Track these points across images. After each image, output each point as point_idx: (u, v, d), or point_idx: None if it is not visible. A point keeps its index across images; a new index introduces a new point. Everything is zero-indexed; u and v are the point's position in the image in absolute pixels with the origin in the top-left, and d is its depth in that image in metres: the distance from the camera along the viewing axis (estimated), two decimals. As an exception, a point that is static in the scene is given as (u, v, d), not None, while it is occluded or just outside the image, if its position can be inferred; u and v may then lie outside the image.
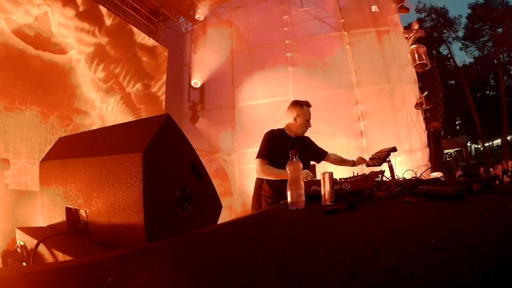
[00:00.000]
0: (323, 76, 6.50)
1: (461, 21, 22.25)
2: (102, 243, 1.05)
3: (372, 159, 2.26)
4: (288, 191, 1.27)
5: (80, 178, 1.17)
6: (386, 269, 0.48)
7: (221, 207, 1.40)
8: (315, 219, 1.05)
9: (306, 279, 0.48)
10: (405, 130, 6.31)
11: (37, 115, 4.29)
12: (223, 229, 0.98)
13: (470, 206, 1.04)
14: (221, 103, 7.28)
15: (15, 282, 0.59)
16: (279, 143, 2.09)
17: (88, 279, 0.57)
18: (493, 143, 24.92)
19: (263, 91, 6.83)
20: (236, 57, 7.25)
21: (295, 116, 2.17)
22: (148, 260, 0.67)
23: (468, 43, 22.38)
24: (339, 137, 6.25)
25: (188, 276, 0.55)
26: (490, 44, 21.30)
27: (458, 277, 0.43)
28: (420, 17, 21.24)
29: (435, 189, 1.22)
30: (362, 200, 1.26)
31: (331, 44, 6.67)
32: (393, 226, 0.85)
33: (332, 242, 0.72)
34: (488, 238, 0.63)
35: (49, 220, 1.33)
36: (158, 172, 1.04)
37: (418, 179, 1.77)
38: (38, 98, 4.31)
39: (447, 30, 22.34)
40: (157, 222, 0.99)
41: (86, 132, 1.59)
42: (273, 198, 2.09)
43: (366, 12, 6.67)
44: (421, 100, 6.25)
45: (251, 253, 0.66)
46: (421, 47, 6.35)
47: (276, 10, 7.01)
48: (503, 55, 20.89)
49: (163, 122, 1.12)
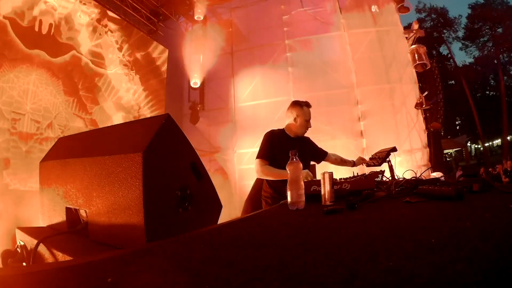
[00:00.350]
0: (323, 76, 6.50)
1: (461, 21, 22.32)
2: (102, 243, 1.05)
3: (372, 159, 2.26)
4: (288, 191, 1.27)
5: (80, 178, 1.17)
6: (386, 269, 0.48)
7: (221, 207, 1.40)
8: (315, 219, 1.05)
9: (306, 279, 0.48)
10: (405, 130, 6.31)
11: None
12: (223, 229, 0.98)
13: (470, 206, 1.04)
14: (221, 103, 7.28)
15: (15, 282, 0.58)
16: (279, 143, 2.09)
17: (88, 279, 0.57)
18: (493, 143, 24.92)
19: (263, 91, 6.83)
20: (236, 57, 7.26)
21: (295, 117, 2.17)
22: (148, 260, 0.67)
23: (468, 43, 22.40)
24: (339, 137, 6.25)
25: (188, 276, 0.55)
26: (490, 44, 21.32)
27: (458, 277, 0.43)
28: (420, 17, 21.30)
29: (435, 189, 1.22)
30: (362, 200, 1.26)
31: (331, 44, 6.67)
32: (393, 226, 0.85)
33: (332, 242, 0.72)
34: (488, 238, 0.63)
35: (49, 220, 1.33)
36: (158, 172, 1.04)
37: (418, 179, 1.77)
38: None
39: (447, 30, 22.36)
40: (157, 222, 0.99)
41: (86, 132, 1.59)
42: (273, 198, 2.09)
43: (366, 12, 6.67)
44: (421, 100, 6.24)
45: (251, 253, 0.66)
46: (421, 47, 6.35)
47: (276, 10, 7.01)
48: (503, 55, 20.91)
49: (163, 122, 1.12)
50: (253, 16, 7.19)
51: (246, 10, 7.26)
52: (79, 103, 4.88)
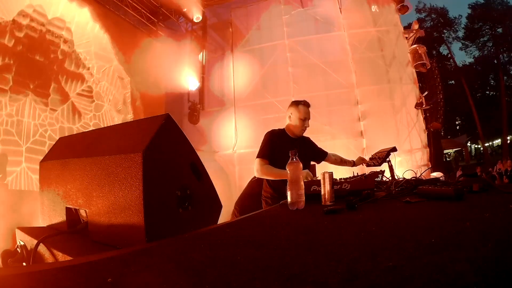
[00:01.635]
0: (323, 76, 6.51)
1: (461, 21, 22.33)
2: (102, 243, 1.05)
3: (372, 159, 2.26)
4: (288, 191, 1.27)
5: (80, 178, 1.17)
6: (386, 269, 0.48)
7: (221, 207, 1.40)
8: (315, 219, 1.05)
9: (306, 279, 0.48)
10: (405, 130, 6.31)
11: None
12: (223, 229, 0.98)
13: (470, 206, 1.04)
14: (221, 103, 7.28)
15: (15, 282, 0.58)
16: (279, 143, 2.09)
17: (88, 279, 0.57)
18: (493, 143, 24.92)
19: (263, 91, 6.83)
20: (236, 57, 7.25)
21: (289, 115, 2.16)
22: (148, 260, 0.67)
23: (468, 43, 22.40)
24: (339, 137, 6.25)
25: (188, 276, 0.55)
26: (490, 44, 21.32)
27: (458, 277, 0.43)
28: (420, 17, 21.31)
29: (435, 189, 1.22)
30: (362, 200, 1.26)
31: (331, 44, 6.67)
32: (393, 226, 0.85)
33: (332, 242, 0.72)
34: (488, 238, 0.63)
35: (49, 220, 1.33)
36: (158, 172, 1.04)
37: (418, 179, 1.77)
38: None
39: (447, 30, 22.36)
40: (157, 222, 0.99)
41: (86, 132, 1.59)
42: (273, 198, 2.09)
43: (366, 12, 6.67)
44: (421, 100, 6.25)
45: (251, 253, 0.66)
46: (421, 47, 6.35)
47: (276, 10, 7.01)
48: (503, 55, 20.92)
49: (163, 122, 1.12)
50: (253, 16, 7.19)
51: (246, 10, 7.26)
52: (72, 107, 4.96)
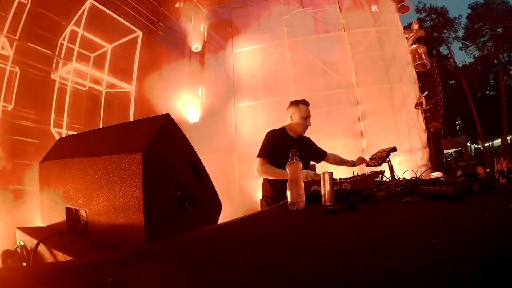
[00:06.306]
0: (323, 76, 6.50)
1: (461, 21, 22.33)
2: (102, 243, 1.05)
3: (372, 159, 2.26)
4: (288, 191, 1.27)
5: (80, 178, 1.17)
6: (386, 269, 0.48)
7: (221, 207, 1.40)
8: (315, 219, 1.05)
9: (306, 279, 0.48)
10: (405, 130, 6.30)
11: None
12: (223, 229, 0.98)
13: (470, 206, 1.04)
14: (221, 103, 7.27)
15: (15, 282, 0.58)
16: (279, 142, 2.09)
17: (88, 279, 0.57)
18: (493, 143, 24.91)
19: (263, 91, 6.82)
20: (236, 57, 7.25)
21: (291, 115, 2.17)
22: (148, 260, 0.67)
23: (468, 43, 22.41)
24: (339, 137, 6.24)
25: (188, 276, 0.55)
26: (490, 44, 21.32)
27: (458, 277, 0.43)
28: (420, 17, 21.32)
29: (435, 189, 1.22)
30: (362, 200, 1.26)
31: (331, 44, 6.67)
32: (393, 226, 0.85)
33: (332, 242, 0.72)
34: (488, 238, 0.63)
35: (49, 220, 1.33)
36: (158, 172, 1.04)
37: (418, 179, 1.77)
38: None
39: (447, 30, 22.37)
40: (157, 222, 0.99)
41: (86, 132, 1.59)
42: (273, 198, 2.09)
43: (366, 12, 6.67)
44: (421, 100, 6.24)
45: (251, 253, 0.66)
46: (421, 47, 6.35)
47: (276, 10, 7.01)
48: (503, 55, 20.91)
49: (163, 122, 1.12)
50: (253, 16, 7.18)
51: (246, 10, 7.25)
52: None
